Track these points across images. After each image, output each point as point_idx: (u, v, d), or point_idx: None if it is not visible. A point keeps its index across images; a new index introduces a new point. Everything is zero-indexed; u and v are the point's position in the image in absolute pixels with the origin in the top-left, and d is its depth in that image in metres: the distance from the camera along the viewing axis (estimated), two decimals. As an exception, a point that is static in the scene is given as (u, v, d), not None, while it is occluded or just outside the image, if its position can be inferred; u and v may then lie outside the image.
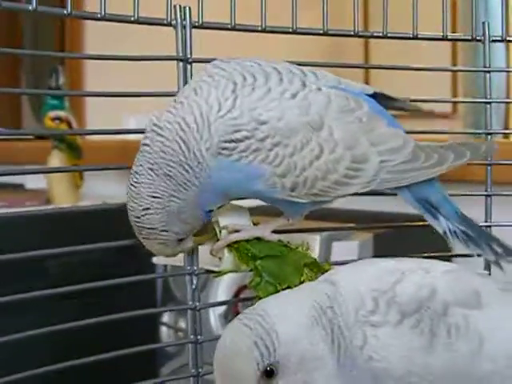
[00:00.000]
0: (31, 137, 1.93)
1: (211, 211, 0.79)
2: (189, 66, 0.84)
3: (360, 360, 0.61)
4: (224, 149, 0.72)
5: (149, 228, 0.75)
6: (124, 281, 0.85)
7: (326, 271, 0.77)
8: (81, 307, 0.87)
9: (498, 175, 0.94)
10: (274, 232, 0.80)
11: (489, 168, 0.93)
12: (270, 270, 0.78)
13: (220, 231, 0.81)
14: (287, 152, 0.73)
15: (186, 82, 0.83)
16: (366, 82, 1.05)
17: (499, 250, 0.78)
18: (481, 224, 0.91)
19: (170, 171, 0.73)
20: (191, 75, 0.84)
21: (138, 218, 0.75)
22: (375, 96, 0.80)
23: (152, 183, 0.73)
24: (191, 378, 0.87)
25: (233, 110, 0.72)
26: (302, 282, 0.77)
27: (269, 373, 0.59)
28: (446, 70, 0.96)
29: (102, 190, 1.80)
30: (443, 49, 1.49)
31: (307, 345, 0.60)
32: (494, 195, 0.93)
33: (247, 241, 0.79)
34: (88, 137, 2.08)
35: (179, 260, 0.87)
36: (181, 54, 0.84)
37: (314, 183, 0.74)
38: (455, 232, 0.78)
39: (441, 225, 0.79)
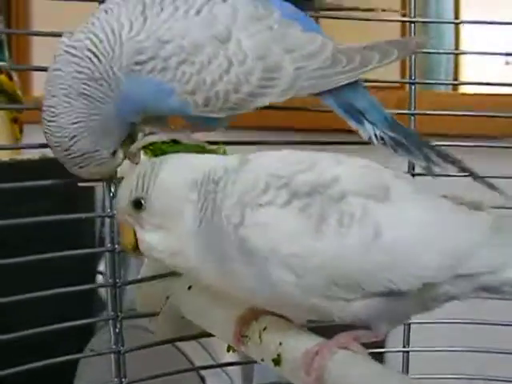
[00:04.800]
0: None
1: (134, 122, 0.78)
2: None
3: (232, 239, 0.61)
4: (133, 70, 0.72)
5: (81, 154, 0.74)
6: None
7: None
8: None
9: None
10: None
11: (413, 57, 0.93)
12: None
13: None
14: (194, 69, 0.73)
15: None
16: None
17: (432, 155, 0.76)
18: (404, 112, 0.92)
19: (84, 89, 0.73)
20: None
21: (68, 149, 0.74)
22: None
23: (70, 110, 0.73)
24: (110, 321, 0.87)
25: (141, 33, 0.72)
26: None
27: (136, 204, 0.66)
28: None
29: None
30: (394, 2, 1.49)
31: (175, 198, 0.65)
32: (417, 83, 0.94)
33: (164, 144, 0.78)
34: (32, 92, 2.05)
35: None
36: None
37: (227, 96, 0.74)
38: (382, 137, 0.77)
39: (366, 130, 0.77)
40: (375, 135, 0.77)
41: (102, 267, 1.54)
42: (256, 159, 0.66)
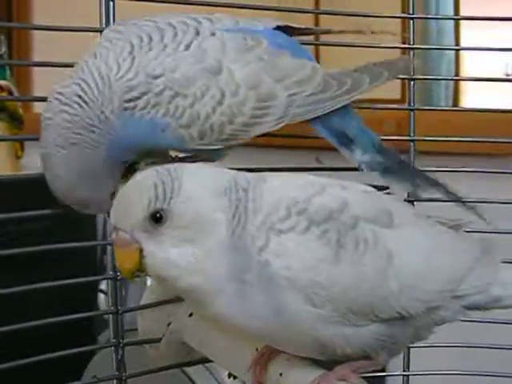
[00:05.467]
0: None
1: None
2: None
3: (255, 262, 0.59)
4: (125, 109, 0.72)
5: (80, 202, 0.75)
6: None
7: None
8: (21, 276, 0.86)
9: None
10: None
11: (412, 83, 0.94)
12: None
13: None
14: (187, 102, 0.72)
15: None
16: (316, 57, 1.05)
17: (420, 180, 0.77)
18: (404, 138, 0.93)
19: (74, 138, 0.72)
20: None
21: (66, 198, 0.74)
22: (281, 29, 0.79)
23: (62, 160, 0.72)
24: (112, 348, 0.87)
25: (129, 71, 0.72)
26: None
27: (156, 218, 0.59)
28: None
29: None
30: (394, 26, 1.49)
31: (204, 207, 0.60)
32: (416, 109, 0.94)
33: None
34: (32, 109, 2.05)
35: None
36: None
37: (222, 128, 0.74)
38: (371, 164, 0.77)
39: (355, 157, 0.77)
40: (364, 162, 0.77)
41: (103, 286, 1.55)
42: (272, 178, 0.64)
